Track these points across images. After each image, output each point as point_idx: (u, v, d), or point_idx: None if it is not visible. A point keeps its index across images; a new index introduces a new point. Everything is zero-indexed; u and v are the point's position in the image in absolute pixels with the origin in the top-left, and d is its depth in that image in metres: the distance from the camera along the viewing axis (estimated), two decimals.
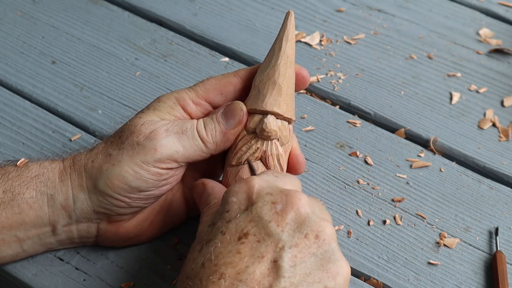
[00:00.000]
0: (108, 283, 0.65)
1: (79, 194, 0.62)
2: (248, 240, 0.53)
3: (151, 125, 0.63)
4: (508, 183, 0.76)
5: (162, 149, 0.61)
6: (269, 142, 0.64)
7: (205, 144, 0.63)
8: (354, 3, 0.96)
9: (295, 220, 0.54)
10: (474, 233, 0.71)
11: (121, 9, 0.95)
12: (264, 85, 0.64)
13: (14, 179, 0.63)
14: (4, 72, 0.86)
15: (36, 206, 0.62)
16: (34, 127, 0.79)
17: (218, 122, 0.64)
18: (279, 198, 0.55)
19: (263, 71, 0.65)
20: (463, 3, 0.97)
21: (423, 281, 0.67)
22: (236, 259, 0.52)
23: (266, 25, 0.93)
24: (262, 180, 0.57)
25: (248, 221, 0.54)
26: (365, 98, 0.84)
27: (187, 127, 0.63)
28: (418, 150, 0.78)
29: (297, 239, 0.53)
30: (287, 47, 0.65)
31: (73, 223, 0.64)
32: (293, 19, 0.66)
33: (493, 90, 0.85)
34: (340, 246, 0.69)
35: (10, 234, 0.62)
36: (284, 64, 0.65)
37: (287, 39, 0.65)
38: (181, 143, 0.62)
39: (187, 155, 0.63)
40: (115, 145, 0.63)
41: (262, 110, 0.64)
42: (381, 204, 0.73)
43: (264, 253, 0.52)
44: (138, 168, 0.61)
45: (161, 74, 0.86)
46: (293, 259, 0.52)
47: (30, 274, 0.65)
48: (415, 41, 0.91)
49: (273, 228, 0.53)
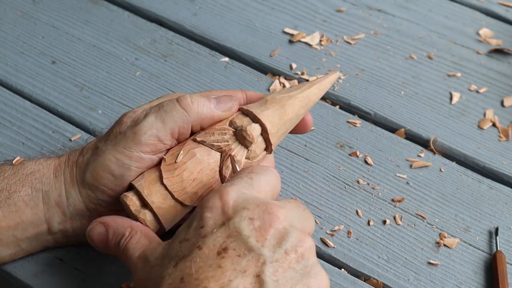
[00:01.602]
0: (108, 283, 0.65)
1: (71, 190, 0.63)
2: (228, 254, 0.52)
3: (132, 113, 0.64)
4: (508, 183, 0.76)
5: (141, 131, 0.62)
6: (240, 145, 0.64)
7: (187, 112, 0.63)
8: (354, 3, 0.96)
9: (275, 236, 0.53)
10: (474, 233, 0.71)
11: (121, 9, 0.95)
12: (273, 102, 0.66)
13: (10, 177, 0.63)
14: (4, 72, 0.86)
15: (32, 204, 0.62)
16: (34, 127, 0.79)
17: (208, 100, 0.64)
18: (256, 214, 0.54)
19: (280, 93, 0.66)
20: (463, 3, 0.97)
21: (423, 281, 0.67)
22: (218, 273, 0.51)
23: (266, 25, 0.93)
24: (237, 193, 0.56)
25: (226, 236, 0.53)
26: (365, 98, 0.84)
27: (165, 103, 0.63)
28: (418, 150, 0.78)
29: (278, 255, 0.53)
30: (314, 93, 0.67)
31: (68, 220, 0.64)
32: (334, 79, 0.69)
33: (493, 90, 0.85)
34: (340, 246, 0.69)
35: (8, 234, 0.62)
36: (301, 101, 0.67)
37: (319, 88, 0.68)
38: (160, 119, 0.62)
39: (168, 128, 0.62)
40: (103, 139, 0.64)
41: (256, 116, 0.65)
42: (381, 204, 0.73)
43: (246, 268, 0.52)
44: (120, 155, 0.62)
45: (161, 74, 0.86)
46: (275, 274, 0.52)
47: (30, 274, 0.65)
48: (415, 41, 0.91)
49: (253, 243, 0.53)
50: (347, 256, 0.68)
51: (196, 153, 0.63)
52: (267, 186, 0.58)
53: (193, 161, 0.63)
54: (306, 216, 0.58)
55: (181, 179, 0.62)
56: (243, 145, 0.64)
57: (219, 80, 0.85)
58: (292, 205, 0.57)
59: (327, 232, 0.70)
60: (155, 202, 0.62)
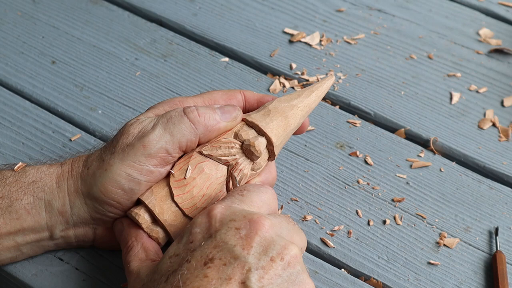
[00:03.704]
0: (108, 283, 0.65)
1: (75, 200, 0.62)
2: (214, 264, 0.52)
3: (139, 124, 0.63)
4: (508, 183, 0.76)
5: (150, 144, 0.61)
6: (246, 159, 0.65)
7: (195, 125, 0.62)
8: (354, 3, 0.96)
9: (260, 244, 0.54)
10: (474, 233, 0.71)
11: (121, 9, 0.95)
12: (276, 113, 0.66)
13: (12, 185, 0.63)
14: (4, 72, 0.86)
15: (33, 212, 0.62)
16: (34, 127, 0.79)
17: (213, 111, 0.64)
18: (243, 224, 0.54)
19: (281, 101, 0.67)
20: (463, 3, 0.97)
21: (423, 281, 0.67)
22: (204, 282, 0.52)
23: (266, 25, 0.93)
24: (225, 208, 0.56)
25: (213, 247, 0.54)
26: (365, 98, 0.84)
27: (172, 114, 0.63)
28: (418, 150, 0.78)
29: (263, 262, 0.53)
30: (313, 101, 0.68)
31: (71, 227, 0.64)
32: (331, 84, 0.70)
33: (493, 90, 0.85)
34: (340, 246, 0.69)
35: (8, 239, 0.62)
36: (302, 110, 0.67)
37: (318, 96, 0.68)
38: (168, 131, 0.62)
39: (176, 141, 0.62)
40: (108, 150, 0.63)
41: (262, 129, 0.65)
42: (381, 204, 0.73)
43: (231, 275, 0.52)
44: (130, 170, 0.61)
45: (161, 74, 0.86)
46: (261, 280, 0.52)
47: (30, 274, 0.65)
48: (415, 41, 0.91)
49: (239, 251, 0.53)
50: (347, 256, 0.68)
51: (204, 168, 0.63)
52: (259, 202, 0.58)
53: (202, 177, 0.63)
54: (296, 230, 0.58)
55: (192, 196, 0.63)
56: (249, 158, 0.65)
57: (219, 80, 0.85)
58: (281, 218, 0.57)
59: (327, 232, 0.70)
60: (167, 220, 0.62)
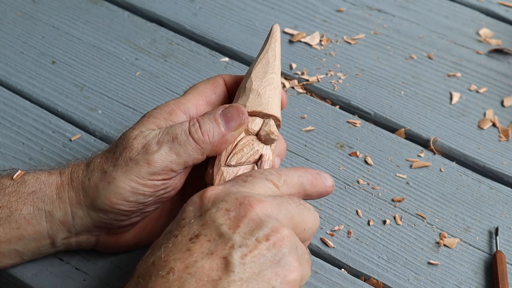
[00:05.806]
0: (108, 283, 0.65)
1: (77, 211, 0.62)
2: (198, 240, 0.53)
3: (143, 138, 0.62)
4: (508, 183, 0.76)
5: (155, 163, 0.61)
6: (264, 146, 0.64)
7: (200, 146, 0.62)
8: (354, 3, 0.96)
9: (248, 225, 0.54)
10: (474, 233, 0.71)
11: (121, 9, 0.95)
12: (265, 89, 0.64)
13: (11, 195, 0.62)
14: (4, 72, 0.86)
15: (34, 222, 0.62)
16: (34, 127, 0.79)
17: (217, 123, 0.62)
18: (233, 206, 0.55)
19: (259, 76, 0.65)
20: (463, 3, 0.97)
21: (423, 281, 0.67)
22: (186, 255, 0.52)
23: (266, 25, 0.93)
24: (221, 190, 0.57)
25: (201, 225, 0.54)
26: (365, 98, 0.84)
27: (178, 132, 0.62)
28: (418, 150, 0.78)
29: (248, 241, 0.53)
30: (278, 59, 0.66)
31: (73, 235, 0.64)
32: (279, 33, 0.67)
33: (493, 90, 0.85)
34: (340, 246, 0.69)
35: (9, 248, 0.62)
36: (278, 70, 0.66)
37: (278, 50, 0.67)
38: (174, 151, 0.61)
39: (182, 161, 0.62)
40: (110, 161, 0.62)
41: (266, 113, 0.64)
42: (381, 204, 0.73)
43: (213, 251, 0.52)
44: (134, 184, 0.61)
45: (161, 74, 0.86)
46: (243, 257, 0.52)
47: (30, 274, 0.65)
48: (415, 41, 0.91)
49: (225, 230, 0.54)
50: (347, 256, 0.68)
51: None
52: (262, 189, 0.58)
53: None
54: (303, 210, 0.58)
55: None
56: (268, 144, 0.65)
57: None
58: (281, 200, 0.57)
59: (327, 232, 0.70)
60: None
